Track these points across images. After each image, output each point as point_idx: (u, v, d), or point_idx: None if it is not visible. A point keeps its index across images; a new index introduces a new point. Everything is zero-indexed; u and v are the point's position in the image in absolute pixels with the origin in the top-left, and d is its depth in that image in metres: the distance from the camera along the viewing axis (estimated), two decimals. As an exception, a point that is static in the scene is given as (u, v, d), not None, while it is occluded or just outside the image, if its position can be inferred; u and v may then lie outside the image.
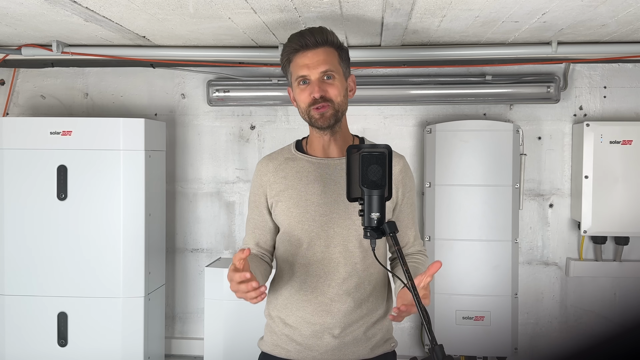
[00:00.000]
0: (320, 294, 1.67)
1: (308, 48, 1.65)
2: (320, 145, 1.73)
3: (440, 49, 2.89)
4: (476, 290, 3.00)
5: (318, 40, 1.65)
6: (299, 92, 1.68)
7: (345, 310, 1.66)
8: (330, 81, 1.65)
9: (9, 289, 2.93)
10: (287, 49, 1.69)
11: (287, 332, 1.71)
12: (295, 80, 1.68)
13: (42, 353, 2.92)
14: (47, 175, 2.90)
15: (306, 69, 1.64)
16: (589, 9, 2.20)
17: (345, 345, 1.68)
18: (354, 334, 1.68)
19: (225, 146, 3.32)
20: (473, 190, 3.00)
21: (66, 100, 3.35)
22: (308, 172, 1.71)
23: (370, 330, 1.71)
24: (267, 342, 1.77)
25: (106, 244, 2.89)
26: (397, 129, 3.24)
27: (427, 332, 1.34)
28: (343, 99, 1.68)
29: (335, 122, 1.67)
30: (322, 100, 1.63)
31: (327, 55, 1.65)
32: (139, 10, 2.22)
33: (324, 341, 1.67)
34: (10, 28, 2.55)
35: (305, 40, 1.64)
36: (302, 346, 1.69)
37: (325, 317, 1.67)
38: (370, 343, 1.71)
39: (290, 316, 1.71)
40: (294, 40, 1.67)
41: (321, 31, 1.67)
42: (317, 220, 1.66)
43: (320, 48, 1.65)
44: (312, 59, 1.64)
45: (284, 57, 1.71)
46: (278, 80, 3.14)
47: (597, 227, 2.97)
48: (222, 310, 2.96)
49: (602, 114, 3.15)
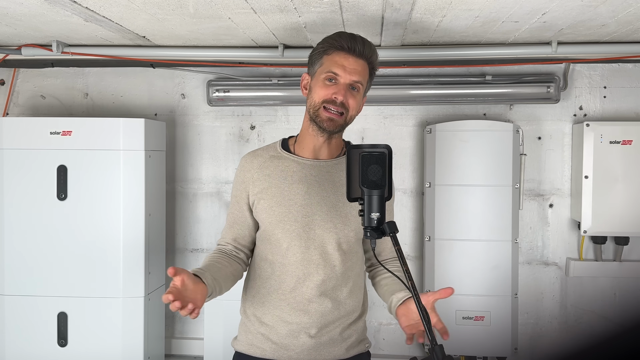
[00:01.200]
0: (299, 294, 1.68)
1: (353, 53, 1.66)
2: (312, 146, 1.73)
3: (440, 49, 2.89)
4: (476, 290, 3.00)
5: (365, 52, 1.67)
6: (321, 85, 1.67)
7: (323, 311, 1.68)
8: (354, 93, 1.67)
9: (9, 289, 2.93)
10: (331, 43, 1.68)
11: (262, 330, 1.72)
12: (324, 72, 1.67)
13: (42, 353, 2.92)
14: (47, 175, 2.90)
15: (342, 69, 1.65)
16: (589, 9, 2.20)
17: (321, 345, 1.69)
18: (330, 334, 1.70)
19: (225, 146, 3.32)
20: (473, 190, 3.00)
21: (66, 100, 3.35)
22: (293, 172, 1.71)
23: (346, 331, 1.73)
24: (242, 341, 1.76)
25: (106, 244, 2.89)
26: (397, 129, 3.24)
27: (427, 332, 1.34)
28: (355, 114, 1.71)
29: (339, 132, 1.71)
30: (341, 106, 1.65)
31: (363, 69, 1.68)
32: (139, 10, 2.23)
33: (300, 340, 1.68)
34: (10, 28, 2.55)
35: (355, 45, 1.66)
36: (278, 345, 1.70)
37: (302, 317, 1.68)
38: (346, 343, 1.73)
39: (267, 314, 1.71)
40: (344, 38, 1.67)
41: (370, 46, 1.69)
42: (298, 221, 1.66)
43: (363, 60, 1.67)
44: (352, 64, 1.66)
45: (323, 46, 1.70)
46: (278, 80, 3.14)
47: (597, 227, 2.97)
48: (222, 310, 2.96)
49: (602, 114, 3.15)
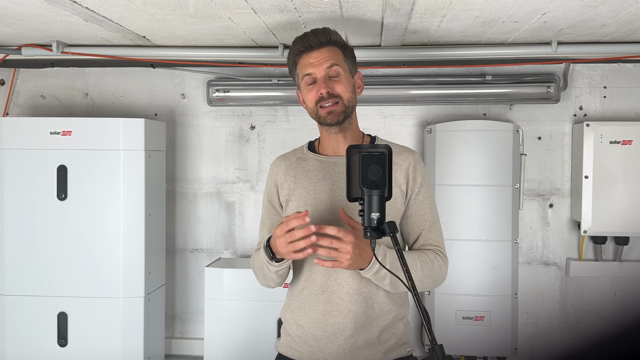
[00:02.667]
0: (331, 293, 1.66)
1: (312, 49, 1.68)
2: (330, 144, 1.75)
3: (440, 49, 2.89)
4: (476, 290, 3.00)
5: (321, 40, 1.68)
6: (306, 92, 1.70)
7: (356, 311, 1.65)
8: (337, 78, 1.68)
9: (9, 289, 2.93)
10: (292, 52, 1.72)
11: (300, 333, 1.71)
12: (302, 80, 1.70)
13: (42, 353, 2.92)
14: (47, 175, 2.90)
15: (311, 67, 1.67)
16: (589, 9, 2.20)
17: (357, 348, 1.66)
18: (366, 336, 1.66)
19: (225, 146, 3.32)
20: (473, 190, 3.00)
21: (66, 100, 3.35)
22: (317, 171, 1.72)
23: (384, 333, 1.68)
24: (283, 343, 1.78)
25: (106, 244, 2.89)
26: (397, 129, 3.23)
27: (427, 332, 1.34)
28: (351, 95, 1.70)
29: (345, 118, 1.69)
30: (330, 97, 1.65)
31: (331, 53, 1.68)
32: (139, 10, 2.23)
33: (336, 343, 1.66)
34: (10, 28, 2.55)
35: (308, 41, 1.68)
36: (314, 348, 1.68)
37: (335, 317, 1.65)
38: (384, 347, 1.68)
39: (303, 317, 1.70)
40: (298, 42, 1.70)
41: (324, 31, 1.70)
42: (326, 219, 1.66)
43: (324, 47, 1.68)
44: (316, 57, 1.67)
45: (290, 60, 1.74)
46: (278, 80, 3.14)
47: (597, 227, 2.97)
48: (222, 310, 2.96)
49: (602, 114, 3.15)
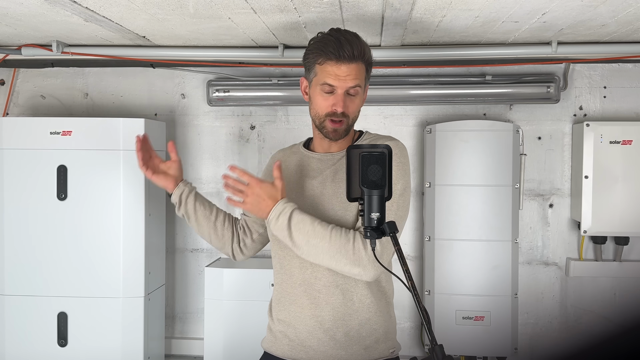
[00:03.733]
0: (308, 285, 1.67)
1: (343, 61, 1.62)
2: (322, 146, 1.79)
3: (440, 49, 2.89)
4: (476, 290, 3.00)
5: (355, 54, 1.62)
6: (319, 97, 1.67)
7: (334, 302, 1.66)
8: (353, 98, 1.67)
9: (9, 289, 2.93)
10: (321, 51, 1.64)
11: (281, 328, 1.74)
12: (319, 83, 1.66)
13: (42, 353, 2.92)
14: (47, 175, 2.90)
15: (336, 80, 1.63)
16: (589, 9, 2.20)
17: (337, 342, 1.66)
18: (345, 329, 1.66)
19: (225, 146, 3.32)
20: (473, 190, 3.00)
21: (66, 100, 3.35)
22: (307, 167, 1.76)
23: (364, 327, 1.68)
24: (267, 340, 1.81)
25: (106, 244, 2.89)
26: (397, 129, 3.23)
27: (427, 332, 1.35)
28: (357, 114, 1.72)
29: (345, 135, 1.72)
30: (342, 116, 1.65)
31: (358, 72, 1.64)
32: (139, 10, 2.23)
33: (316, 336, 1.67)
34: (10, 28, 2.55)
35: (344, 52, 1.61)
36: (295, 342, 1.70)
37: (314, 310, 1.67)
38: (365, 342, 1.68)
39: (282, 311, 1.73)
40: (331, 46, 1.62)
41: (359, 44, 1.63)
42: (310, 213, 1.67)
43: (354, 63, 1.63)
44: (344, 72, 1.62)
45: (314, 53, 1.66)
46: (278, 80, 3.14)
47: (597, 227, 2.97)
48: (222, 310, 2.96)
49: (602, 114, 3.15)
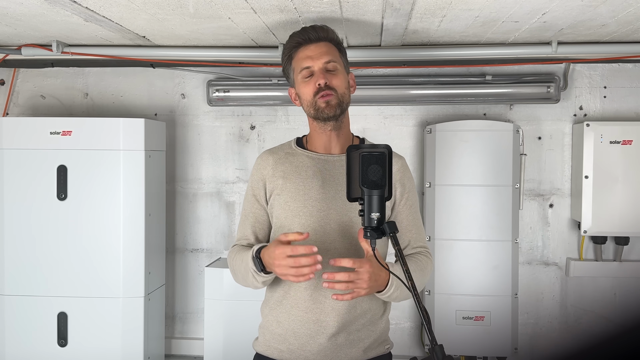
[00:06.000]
0: (314, 290, 1.64)
1: (310, 42, 1.70)
2: (322, 141, 1.74)
3: (440, 49, 2.89)
4: (476, 290, 3.00)
5: (320, 35, 1.71)
6: (303, 85, 1.70)
7: (339, 309, 1.64)
8: (334, 73, 1.69)
9: (9, 289, 2.93)
10: (288, 46, 1.74)
11: (279, 331, 1.69)
12: (298, 73, 1.70)
13: (42, 353, 2.92)
14: (47, 175, 2.90)
15: (309, 60, 1.69)
16: (589, 9, 2.20)
17: (338, 346, 1.66)
18: (347, 334, 1.66)
19: (225, 146, 3.32)
20: (473, 190, 3.00)
21: (66, 100, 3.35)
22: (307, 167, 1.72)
23: (363, 331, 1.68)
24: (261, 342, 1.76)
25: (106, 244, 2.89)
26: (397, 129, 3.24)
27: (427, 332, 1.35)
28: (346, 91, 1.71)
29: (341, 112, 1.69)
30: (327, 88, 1.66)
31: (328, 48, 1.71)
32: (139, 10, 2.23)
33: (317, 341, 1.65)
34: (10, 28, 2.55)
35: (307, 34, 1.70)
36: (294, 346, 1.67)
37: (318, 315, 1.64)
38: (364, 344, 1.68)
39: (283, 313, 1.69)
40: (296, 35, 1.72)
41: (322, 27, 1.73)
42: (314, 215, 1.66)
43: (322, 42, 1.71)
44: (314, 50, 1.69)
45: (285, 54, 1.75)
46: (278, 80, 3.14)
47: (597, 227, 2.97)
48: (222, 310, 2.96)
49: (602, 114, 3.15)
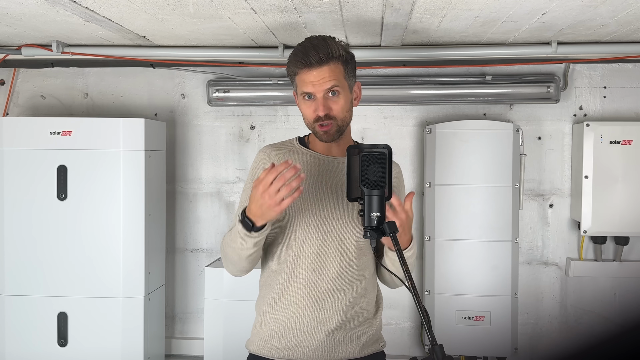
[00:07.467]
0: (314, 288, 1.64)
1: (312, 66, 1.61)
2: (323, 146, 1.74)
3: (440, 49, 2.89)
4: (476, 290, 3.00)
5: (322, 57, 1.60)
6: (304, 106, 1.67)
7: (338, 306, 1.65)
8: (335, 98, 1.64)
9: (9, 289, 2.93)
10: (292, 63, 1.66)
11: (277, 328, 1.68)
12: (300, 94, 1.67)
13: (42, 353, 2.92)
14: (47, 175, 2.90)
15: (311, 86, 1.62)
16: (589, 9, 2.20)
17: (336, 343, 1.66)
18: (345, 331, 1.67)
19: (225, 146, 3.32)
20: (473, 190, 3.00)
21: (66, 100, 3.35)
22: (310, 166, 1.71)
23: (359, 327, 1.70)
24: (255, 340, 1.73)
25: (106, 244, 2.89)
26: (397, 129, 3.24)
27: (427, 332, 1.35)
28: (347, 114, 1.68)
29: (340, 135, 1.68)
30: (326, 118, 1.63)
31: (331, 72, 1.62)
32: (139, 10, 2.23)
33: (316, 337, 1.65)
34: (10, 28, 2.55)
35: (309, 59, 1.60)
36: (292, 342, 1.67)
37: (317, 312, 1.65)
38: (360, 341, 1.70)
39: (281, 310, 1.68)
40: (299, 56, 1.62)
41: (326, 46, 1.62)
42: (316, 214, 1.66)
43: (325, 66, 1.61)
44: (316, 76, 1.61)
45: (289, 69, 1.68)
46: (278, 80, 3.14)
47: (597, 227, 2.97)
48: (222, 310, 2.95)
49: (602, 114, 3.15)
